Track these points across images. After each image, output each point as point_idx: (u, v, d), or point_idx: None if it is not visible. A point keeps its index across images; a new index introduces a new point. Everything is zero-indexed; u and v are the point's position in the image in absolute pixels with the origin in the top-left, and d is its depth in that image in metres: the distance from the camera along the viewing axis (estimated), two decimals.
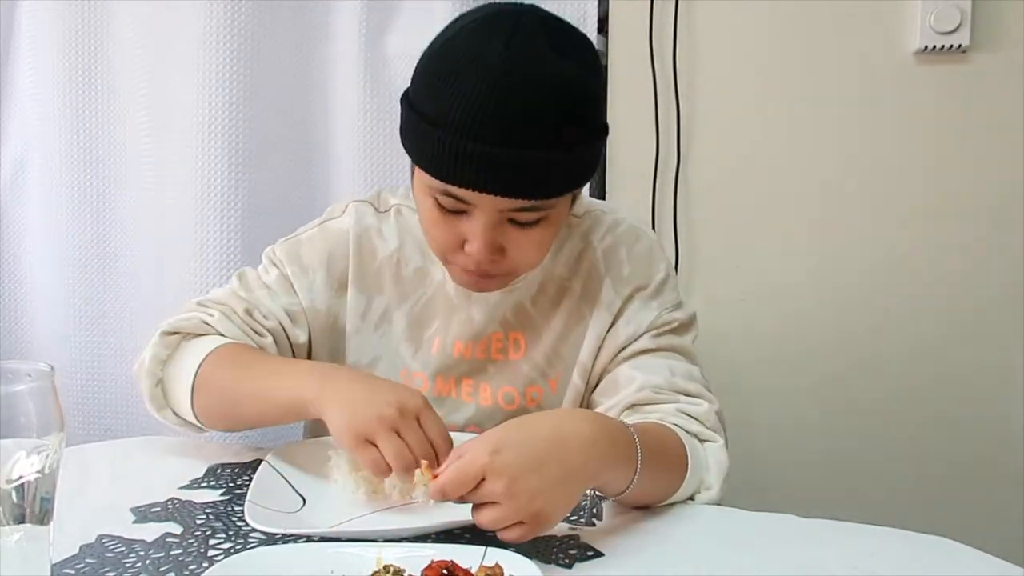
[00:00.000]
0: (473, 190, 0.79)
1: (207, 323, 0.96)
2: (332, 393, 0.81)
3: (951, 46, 1.48)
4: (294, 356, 1.00)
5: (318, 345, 1.01)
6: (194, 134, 1.51)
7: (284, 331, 0.98)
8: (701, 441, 0.88)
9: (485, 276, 0.88)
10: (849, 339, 1.57)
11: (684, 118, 1.57)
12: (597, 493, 0.82)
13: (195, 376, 0.91)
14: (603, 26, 1.58)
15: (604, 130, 0.88)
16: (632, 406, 0.91)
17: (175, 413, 0.95)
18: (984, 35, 1.48)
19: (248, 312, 0.97)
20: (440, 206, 0.85)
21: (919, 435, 1.57)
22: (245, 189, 1.52)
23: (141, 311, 1.66)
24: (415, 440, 0.76)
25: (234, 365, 0.91)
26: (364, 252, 1.00)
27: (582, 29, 1.50)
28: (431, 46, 0.84)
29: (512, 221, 0.84)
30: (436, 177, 0.81)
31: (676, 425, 0.87)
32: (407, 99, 0.86)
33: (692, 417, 0.89)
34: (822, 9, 1.52)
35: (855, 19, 1.51)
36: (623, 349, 0.96)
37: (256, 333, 0.96)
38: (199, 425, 0.94)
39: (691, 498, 0.85)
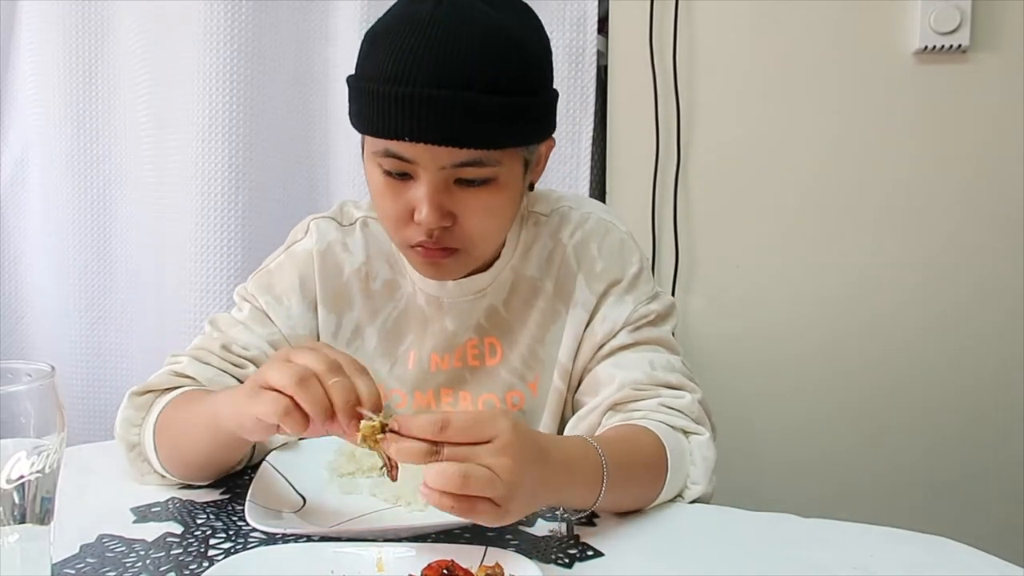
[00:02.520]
0: (409, 140, 0.79)
1: (177, 372, 0.90)
2: (229, 407, 0.73)
3: (951, 46, 1.48)
4: None
5: None
6: (194, 134, 1.51)
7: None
8: (687, 435, 0.87)
9: (441, 251, 0.86)
10: (849, 339, 1.57)
11: (684, 118, 1.57)
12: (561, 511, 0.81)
13: (154, 428, 0.85)
14: (603, 26, 1.58)
15: (550, 90, 0.87)
16: (614, 406, 0.90)
17: (158, 473, 0.87)
18: (984, 35, 1.48)
19: (225, 348, 0.93)
20: (386, 174, 0.84)
21: (919, 435, 1.57)
22: (245, 189, 1.53)
23: (141, 311, 1.66)
24: (310, 355, 0.67)
25: (183, 407, 0.84)
26: (329, 269, 0.98)
27: (582, 29, 1.55)
28: (369, 28, 0.85)
29: (459, 183, 0.83)
30: (372, 133, 0.82)
31: (660, 422, 0.86)
32: (350, 78, 0.86)
33: (675, 410, 0.88)
34: (822, 9, 1.52)
35: (855, 19, 1.51)
36: (601, 347, 0.95)
37: (235, 366, 0.92)
38: (175, 478, 0.87)
39: (680, 495, 0.85)
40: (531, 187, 0.96)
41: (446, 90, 0.77)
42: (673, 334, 0.99)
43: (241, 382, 0.90)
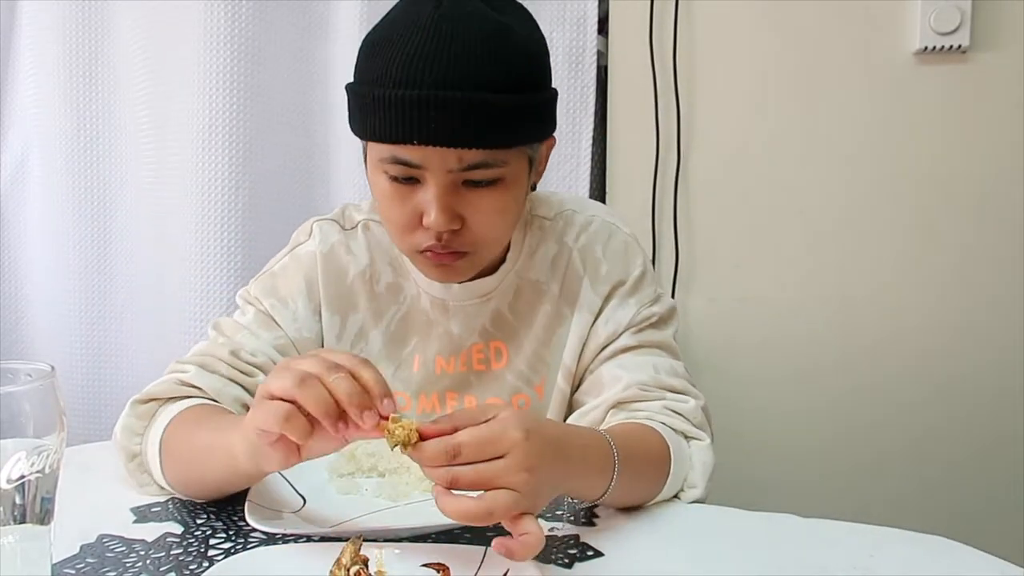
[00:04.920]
0: (418, 143, 0.78)
1: (183, 382, 0.87)
2: (240, 433, 0.69)
3: (951, 46, 1.48)
4: None
5: None
6: (194, 134, 1.52)
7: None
8: (687, 439, 0.88)
9: (449, 255, 0.85)
10: (848, 339, 1.57)
11: (684, 118, 1.57)
12: (572, 500, 0.81)
13: (160, 442, 0.82)
14: (603, 26, 1.58)
15: (550, 88, 0.87)
16: (619, 404, 0.90)
17: (159, 486, 0.84)
18: (984, 35, 1.48)
19: (234, 354, 0.91)
20: (392, 179, 0.83)
21: (920, 435, 1.57)
22: (245, 189, 1.53)
23: (141, 311, 1.66)
24: (310, 360, 0.64)
25: (193, 426, 0.81)
26: (333, 272, 0.98)
27: (582, 29, 1.55)
28: (366, 36, 0.85)
29: (466, 184, 0.82)
30: (378, 139, 0.81)
31: (663, 424, 0.86)
32: (349, 86, 0.85)
33: (679, 414, 0.88)
34: (822, 9, 1.52)
35: (855, 19, 1.51)
36: (604, 348, 0.95)
37: (244, 374, 0.90)
38: (179, 495, 0.84)
39: (676, 496, 0.85)
40: (533, 187, 0.96)
41: (454, 91, 0.77)
42: (674, 337, 0.99)
43: (248, 391, 0.89)
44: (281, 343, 0.95)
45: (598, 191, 1.61)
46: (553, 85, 0.88)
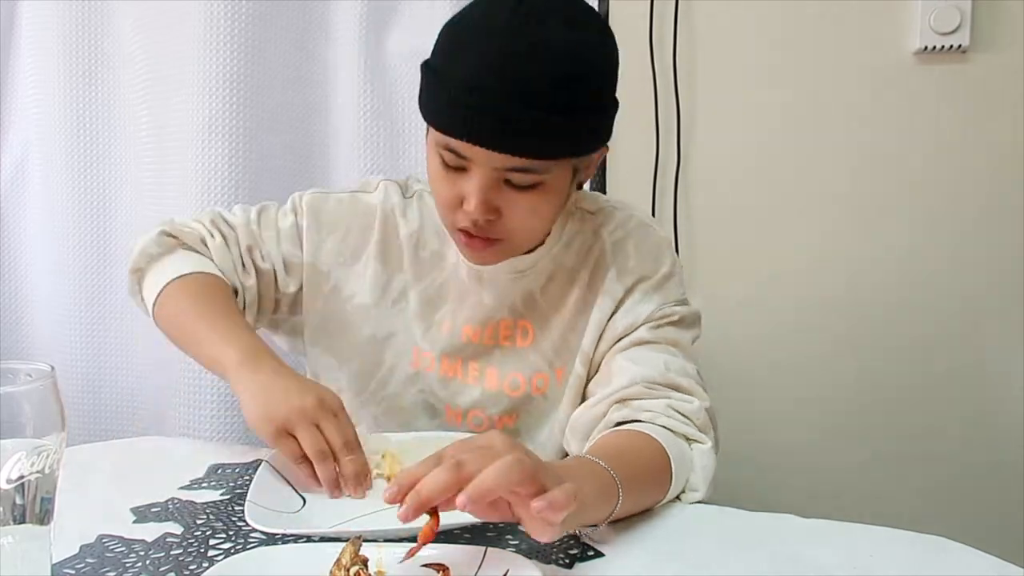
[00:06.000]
0: (466, 141, 0.83)
1: (205, 242, 1.02)
2: (250, 378, 0.86)
3: (951, 46, 1.48)
4: (277, 305, 1.05)
5: (310, 302, 1.04)
6: (194, 134, 1.51)
7: (275, 277, 1.03)
8: (689, 441, 0.88)
9: (483, 240, 0.90)
10: (849, 338, 1.58)
11: (684, 118, 1.57)
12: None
13: (162, 289, 0.98)
14: None
15: (611, 104, 0.89)
16: (622, 400, 0.90)
17: (144, 308, 1.03)
18: (984, 35, 1.49)
19: (249, 249, 1.02)
20: (444, 163, 0.87)
21: (920, 435, 1.57)
22: (245, 189, 1.53)
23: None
24: (334, 432, 0.82)
25: (193, 298, 0.97)
26: (389, 229, 1.03)
27: None
28: (450, 19, 0.88)
29: (508, 183, 0.86)
30: (436, 127, 0.86)
31: (664, 427, 0.86)
32: (425, 64, 0.89)
33: (682, 415, 0.88)
34: (822, 9, 1.52)
35: (855, 19, 1.51)
36: (620, 339, 0.96)
37: (244, 269, 1.02)
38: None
39: (677, 498, 0.85)
40: (580, 186, 0.99)
41: (514, 105, 0.80)
42: (694, 343, 1.00)
43: (243, 285, 1.01)
44: (293, 261, 1.04)
45: (598, 191, 1.61)
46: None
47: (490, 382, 1.01)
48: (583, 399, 0.98)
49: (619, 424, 0.88)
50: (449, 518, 0.71)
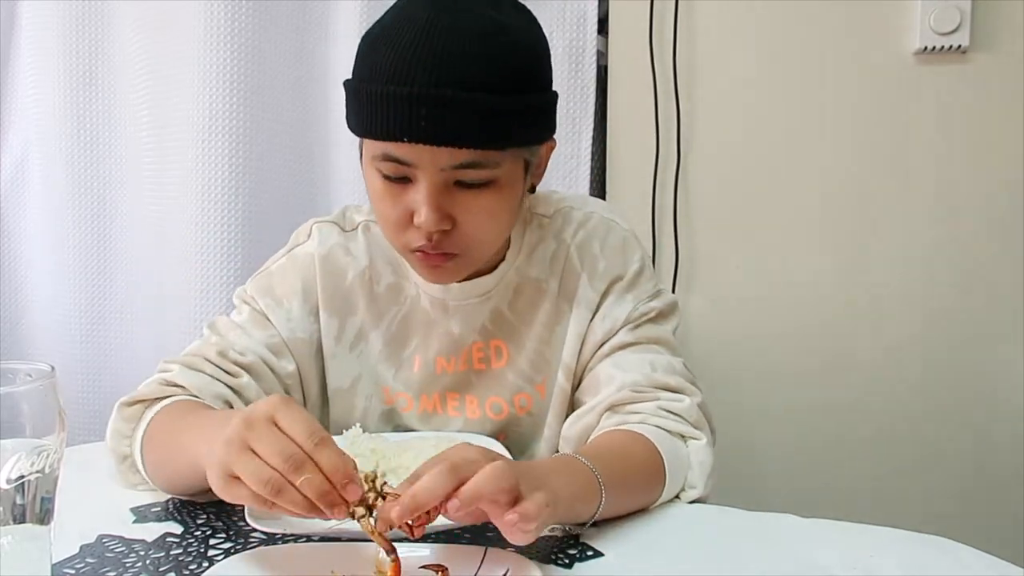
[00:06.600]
0: (406, 140, 0.77)
1: (167, 381, 0.88)
2: (208, 451, 0.65)
3: (951, 46, 1.48)
4: (284, 388, 0.95)
5: (307, 374, 0.97)
6: (194, 134, 1.51)
7: (267, 365, 0.93)
8: (684, 439, 0.87)
9: (441, 255, 0.85)
10: (849, 338, 1.57)
11: (684, 118, 1.57)
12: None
13: (142, 440, 0.84)
14: (603, 26, 1.58)
15: (549, 89, 0.86)
16: (612, 407, 0.89)
17: (149, 485, 0.86)
18: (984, 35, 1.48)
19: (221, 354, 0.91)
20: (385, 178, 0.83)
21: (920, 434, 1.57)
22: (245, 189, 1.53)
23: (141, 311, 1.66)
24: (268, 448, 0.60)
25: (169, 425, 0.82)
26: (331, 274, 0.97)
27: (582, 29, 1.55)
28: (364, 33, 0.84)
29: (459, 184, 0.81)
30: (368, 135, 0.81)
31: (657, 427, 0.85)
32: (346, 82, 0.85)
33: (674, 414, 0.87)
34: (822, 9, 1.52)
35: (855, 19, 1.51)
36: (602, 345, 0.94)
37: (229, 374, 0.90)
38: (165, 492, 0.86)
39: (676, 496, 0.85)
40: (532, 189, 0.96)
41: (445, 89, 0.76)
42: (675, 332, 0.99)
43: (234, 391, 0.89)
44: (274, 342, 0.95)
45: (598, 191, 1.61)
46: (554, 86, 0.87)
47: (472, 411, 0.98)
48: (572, 409, 0.97)
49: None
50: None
